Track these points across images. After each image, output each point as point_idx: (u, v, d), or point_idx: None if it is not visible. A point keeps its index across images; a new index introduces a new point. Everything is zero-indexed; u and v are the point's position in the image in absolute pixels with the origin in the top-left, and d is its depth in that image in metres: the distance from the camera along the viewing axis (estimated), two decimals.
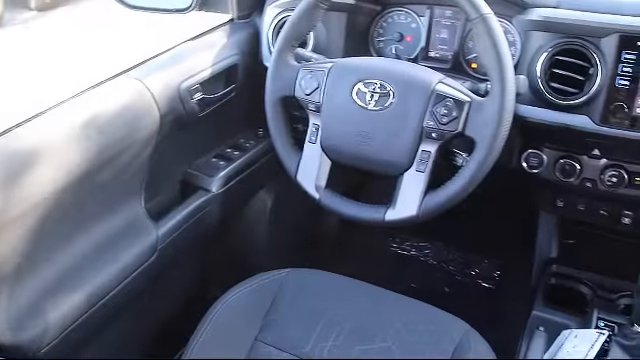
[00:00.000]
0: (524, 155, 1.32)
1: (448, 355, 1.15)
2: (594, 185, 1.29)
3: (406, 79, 1.12)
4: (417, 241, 2.26)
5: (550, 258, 1.59)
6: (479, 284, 2.11)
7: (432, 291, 2.08)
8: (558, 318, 1.40)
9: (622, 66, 1.14)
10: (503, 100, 1.04)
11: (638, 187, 1.25)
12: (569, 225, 1.61)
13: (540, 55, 1.20)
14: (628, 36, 1.13)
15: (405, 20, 1.46)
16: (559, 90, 1.19)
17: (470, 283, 2.12)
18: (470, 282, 2.12)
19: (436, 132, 1.09)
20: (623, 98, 1.15)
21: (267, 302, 1.25)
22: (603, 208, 1.38)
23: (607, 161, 1.26)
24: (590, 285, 1.51)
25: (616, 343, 1.22)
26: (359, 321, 1.21)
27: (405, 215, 1.13)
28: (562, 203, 1.42)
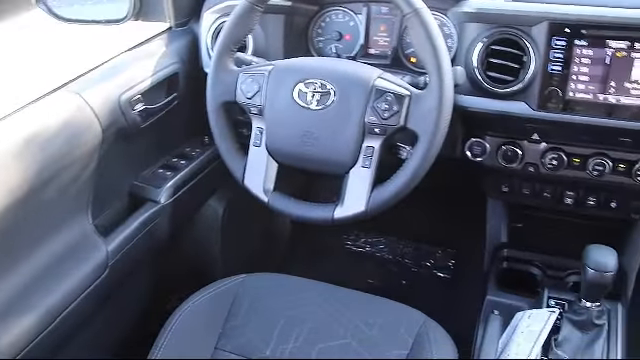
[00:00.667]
0: (467, 144, 1.35)
1: (408, 346, 1.17)
2: (536, 169, 1.33)
3: (345, 77, 1.13)
4: (371, 237, 2.28)
5: (501, 243, 1.63)
6: (435, 274, 2.15)
7: (389, 285, 2.10)
8: (511, 301, 1.44)
9: (553, 52, 1.18)
10: (441, 92, 1.06)
11: (577, 168, 1.30)
12: (516, 209, 1.65)
13: (476, 45, 1.22)
14: (557, 23, 1.17)
15: (343, 19, 1.47)
16: (496, 79, 1.22)
17: (426, 274, 2.15)
18: (426, 273, 2.15)
19: (379, 127, 1.10)
20: (556, 83, 1.19)
21: (225, 310, 1.24)
22: (546, 190, 1.42)
23: (547, 145, 1.30)
24: (540, 266, 1.56)
25: (567, 319, 1.26)
26: (318, 320, 1.22)
27: (354, 212, 1.14)
28: (507, 188, 1.45)
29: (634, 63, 1.15)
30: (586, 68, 1.17)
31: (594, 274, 1.16)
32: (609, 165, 1.26)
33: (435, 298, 1.99)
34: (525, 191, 1.43)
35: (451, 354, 1.20)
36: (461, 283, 2.01)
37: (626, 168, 1.27)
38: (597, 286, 1.18)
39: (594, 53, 1.16)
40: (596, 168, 1.27)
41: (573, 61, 1.17)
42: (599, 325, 1.23)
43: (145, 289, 1.63)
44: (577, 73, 1.18)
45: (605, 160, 1.26)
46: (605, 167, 1.26)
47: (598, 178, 1.28)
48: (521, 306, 1.39)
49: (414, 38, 1.09)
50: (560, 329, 1.26)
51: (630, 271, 1.53)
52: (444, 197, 2.05)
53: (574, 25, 1.16)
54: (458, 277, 2.08)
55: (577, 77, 1.18)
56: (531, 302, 1.40)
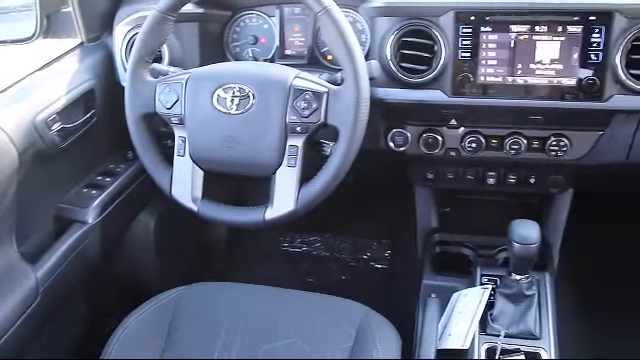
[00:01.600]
0: (389, 135, 1.38)
1: (352, 338, 1.19)
2: (457, 153, 1.37)
3: (263, 79, 1.14)
4: (307, 237, 2.30)
5: (432, 228, 1.67)
6: (373, 266, 2.19)
7: (329, 282, 2.13)
8: (447, 283, 1.48)
9: (461, 40, 1.23)
10: (357, 86, 1.08)
11: (495, 148, 1.35)
12: (444, 194, 1.71)
13: (388, 39, 1.26)
14: (462, 12, 1.22)
15: (257, 22, 1.48)
16: (410, 69, 1.26)
17: (364, 267, 2.19)
18: (364, 266, 2.19)
19: (300, 126, 1.12)
20: (467, 69, 1.24)
21: (165, 324, 1.23)
22: (469, 173, 1.47)
23: (465, 129, 1.35)
24: (471, 246, 1.61)
25: (500, 294, 1.31)
26: (260, 323, 1.22)
27: (284, 212, 1.15)
28: (432, 175, 1.50)
29: (536, 45, 1.21)
30: (493, 53, 1.23)
31: (520, 247, 1.21)
32: (524, 143, 1.32)
33: (375, 289, 2.03)
34: (449, 176, 1.48)
35: (394, 342, 1.22)
36: (399, 272, 2.05)
37: (540, 145, 1.33)
38: (524, 258, 1.23)
39: (499, 38, 1.22)
40: (512, 147, 1.33)
41: (480, 47, 1.23)
42: (529, 296, 1.29)
43: (82, 312, 1.59)
44: (485, 58, 1.23)
45: (520, 139, 1.32)
46: (521, 145, 1.32)
47: (515, 156, 1.34)
48: (457, 287, 1.43)
49: (327, 36, 1.12)
50: (494, 304, 1.31)
51: (554, 243, 1.60)
52: (375, 190, 2.08)
53: (478, 13, 1.22)
54: (395, 266, 2.13)
55: (486, 62, 1.23)
56: (466, 282, 1.44)
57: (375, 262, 2.19)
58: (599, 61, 1.19)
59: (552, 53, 1.21)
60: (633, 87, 1.19)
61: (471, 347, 1.26)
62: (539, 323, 1.30)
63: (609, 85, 1.20)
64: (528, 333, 1.27)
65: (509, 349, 1.25)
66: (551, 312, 1.33)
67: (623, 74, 1.18)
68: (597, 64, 1.20)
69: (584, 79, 1.20)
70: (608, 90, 1.20)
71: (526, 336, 1.27)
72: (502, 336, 1.24)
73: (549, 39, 1.20)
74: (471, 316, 1.31)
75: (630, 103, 1.21)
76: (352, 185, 1.99)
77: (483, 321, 1.30)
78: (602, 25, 1.18)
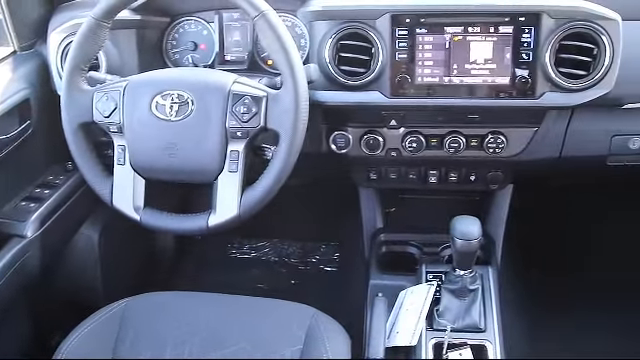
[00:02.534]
0: (331, 138, 1.39)
1: (301, 341, 1.20)
2: (398, 153, 1.40)
3: (202, 85, 1.14)
4: (255, 242, 2.29)
5: (377, 229, 1.69)
6: (322, 269, 2.20)
7: (279, 287, 2.12)
8: (394, 281, 1.50)
9: (398, 42, 1.25)
10: (296, 89, 1.09)
11: (435, 147, 1.38)
12: (388, 194, 1.73)
13: (326, 42, 1.27)
14: (397, 15, 1.24)
15: (196, 28, 1.47)
16: (349, 72, 1.27)
17: (313, 271, 2.19)
18: (313, 270, 2.20)
19: (240, 131, 1.12)
20: (405, 70, 1.26)
21: (112, 337, 1.21)
22: (411, 172, 1.49)
23: (405, 129, 1.37)
24: (416, 245, 1.64)
25: (445, 289, 1.34)
26: (209, 331, 1.21)
27: (227, 217, 1.14)
28: (375, 176, 1.51)
29: (470, 46, 1.25)
30: (429, 54, 1.26)
31: (461, 243, 1.24)
32: (463, 141, 1.36)
33: (325, 292, 2.04)
34: (392, 176, 1.50)
35: (343, 342, 1.23)
36: (347, 273, 2.06)
37: (478, 142, 1.37)
38: (466, 254, 1.26)
39: (434, 39, 1.25)
40: (452, 145, 1.36)
41: (417, 48, 1.25)
42: (474, 290, 1.32)
43: (25, 328, 1.54)
44: (422, 59, 1.26)
45: (459, 137, 1.36)
46: (460, 144, 1.36)
47: (455, 154, 1.37)
48: (403, 285, 1.45)
49: (264, 40, 1.12)
50: (440, 300, 1.34)
51: (496, 237, 1.65)
52: (320, 192, 2.10)
53: (413, 15, 1.24)
54: (344, 268, 2.14)
55: (423, 63, 1.26)
56: (412, 279, 1.47)
57: (324, 265, 2.21)
58: (530, 60, 1.23)
59: (486, 53, 1.24)
60: (562, 85, 1.23)
61: (419, 343, 1.29)
62: (484, 316, 1.33)
63: (540, 83, 1.24)
64: (473, 326, 1.30)
65: (456, 343, 1.28)
66: (495, 305, 1.36)
67: (553, 72, 1.23)
68: (528, 63, 1.24)
69: (517, 78, 1.24)
70: (540, 88, 1.25)
71: (472, 329, 1.30)
72: (448, 331, 1.27)
73: (482, 40, 1.24)
74: (418, 313, 1.33)
75: (560, 100, 1.25)
76: (300, 189, 2.01)
77: (430, 317, 1.33)
78: (531, 26, 1.22)
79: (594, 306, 1.89)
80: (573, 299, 1.92)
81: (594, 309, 1.88)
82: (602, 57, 1.21)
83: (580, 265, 2.06)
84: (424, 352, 1.26)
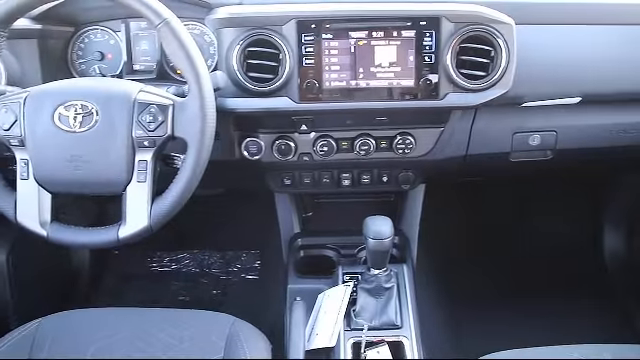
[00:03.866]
0: (243, 144, 1.39)
1: (221, 350, 1.19)
2: (310, 158, 1.41)
3: (106, 95, 1.12)
4: (175, 255, 2.26)
5: (295, 234, 1.70)
6: (244, 278, 2.19)
7: (201, 298, 2.10)
8: (312, 285, 1.51)
9: (304, 47, 1.27)
10: (202, 96, 1.09)
11: (346, 151, 1.40)
12: (304, 199, 1.75)
13: (233, 49, 1.27)
14: (303, 21, 1.26)
15: (102, 38, 1.44)
16: (258, 78, 1.27)
17: (235, 280, 2.18)
18: (235, 279, 2.19)
19: (147, 140, 1.10)
20: (312, 75, 1.28)
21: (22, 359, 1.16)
22: (325, 176, 1.51)
23: (316, 134, 1.39)
24: (334, 248, 1.66)
25: (361, 289, 1.36)
26: (127, 346, 1.19)
27: (138, 228, 1.12)
28: (289, 181, 1.52)
29: (375, 50, 1.28)
30: (336, 58, 1.28)
31: (374, 242, 1.26)
32: (373, 144, 1.39)
33: (246, 300, 2.03)
34: (306, 180, 1.52)
35: (263, 348, 1.24)
36: (268, 280, 2.07)
37: (387, 144, 1.40)
38: (379, 253, 1.29)
39: (340, 44, 1.27)
40: (362, 148, 1.39)
41: (323, 54, 1.27)
42: (389, 288, 1.35)
43: None
44: (329, 64, 1.28)
45: (369, 140, 1.38)
46: (370, 146, 1.38)
47: (366, 157, 1.40)
48: (321, 288, 1.47)
49: (168, 48, 1.11)
50: (357, 300, 1.36)
51: (411, 236, 1.69)
52: (238, 201, 2.09)
53: (318, 21, 1.26)
54: (265, 275, 2.14)
55: (329, 68, 1.28)
56: (330, 282, 1.48)
57: (246, 274, 2.20)
58: (432, 62, 1.28)
59: (390, 57, 1.28)
60: (464, 85, 1.28)
61: (337, 344, 1.30)
62: (400, 313, 1.36)
63: (444, 84, 1.29)
64: (390, 324, 1.33)
65: (373, 341, 1.30)
66: (411, 302, 1.40)
67: (454, 74, 1.27)
68: (431, 65, 1.28)
69: (421, 80, 1.28)
70: (443, 89, 1.29)
71: (388, 327, 1.33)
72: (365, 330, 1.29)
73: (386, 44, 1.27)
74: (336, 314, 1.34)
75: (463, 100, 1.30)
76: (217, 198, 1.99)
77: (348, 317, 1.35)
78: (432, 30, 1.26)
79: (510, 298, 1.97)
80: (489, 292, 2.00)
81: (510, 301, 1.96)
82: (499, 59, 1.27)
83: (495, 259, 2.14)
84: (343, 352, 1.28)
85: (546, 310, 1.93)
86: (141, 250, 2.23)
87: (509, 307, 1.93)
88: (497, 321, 1.85)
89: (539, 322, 1.83)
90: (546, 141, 1.47)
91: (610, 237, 2.13)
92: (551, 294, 2.02)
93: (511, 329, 1.58)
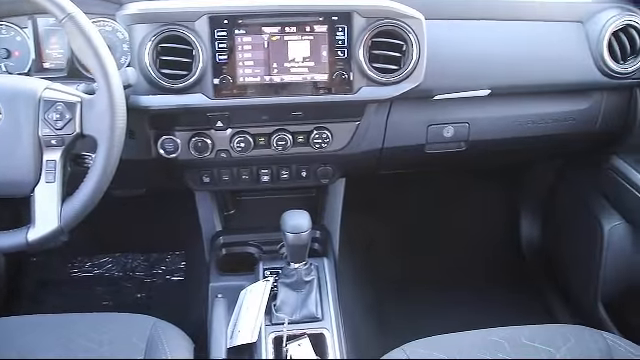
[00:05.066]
0: (159, 143, 1.37)
1: (141, 351, 1.18)
2: (228, 154, 1.41)
3: (9, 92, 1.08)
4: (97, 259, 2.20)
5: (216, 232, 1.69)
6: (169, 280, 2.16)
7: (125, 302, 2.06)
8: (234, 282, 1.51)
9: (218, 43, 1.26)
10: (111, 93, 1.07)
11: (263, 146, 1.41)
12: (225, 197, 1.74)
13: (145, 45, 1.24)
14: (215, 16, 1.25)
15: (8, 34, 1.39)
16: (171, 75, 1.26)
17: (160, 282, 2.15)
18: (160, 281, 2.15)
19: (55, 139, 1.07)
20: (227, 71, 1.27)
21: None
22: (244, 173, 1.51)
23: (232, 130, 1.39)
24: (256, 244, 1.66)
25: (282, 284, 1.37)
26: (46, 352, 1.16)
27: (48, 230, 1.09)
28: (208, 179, 1.51)
29: (288, 45, 1.28)
30: (249, 54, 1.28)
31: (292, 236, 1.27)
32: (290, 139, 1.39)
33: (171, 302, 2.00)
34: (225, 177, 1.51)
35: (185, 347, 1.23)
36: (193, 280, 2.04)
37: (304, 139, 1.41)
38: (297, 246, 1.30)
39: (253, 40, 1.27)
40: (279, 143, 1.39)
41: (237, 49, 1.27)
42: (309, 281, 1.36)
43: None
44: (242, 60, 1.28)
45: (286, 135, 1.39)
46: (287, 141, 1.39)
47: (283, 152, 1.41)
48: (243, 284, 1.47)
49: (74, 44, 1.08)
50: (277, 295, 1.37)
51: (333, 229, 1.71)
52: (160, 201, 2.06)
53: (231, 16, 1.26)
54: (190, 275, 2.12)
55: (243, 63, 1.28)
56: (251, 278, 1.48)
57: (171, 275, 2.17)
58: (345, 57, 1.30)
59: (303, 52, 1.29)
60: (377, 79, 1.31)
61: (259, 339, 1.30)
62: (321, 306, 1.37)
63: (357, 78, 1.31)
64: (311, 317, 1.34)
65: (295, 334, 1.31)
66: (332, 294, 1.41)
67: (367, 68, 1.30)
68: (344, 60, 1.30)
69: (334, 74, 1.30)
70: (357, 83, 1.31)
71: (309, 320, 1.34)
72: (286, 323, 1.30)
73: (299, 39, 1.28)
74: (257, 310, 1.34)
75: (376, 94, 1.33)
76: (138, 199, 1.95)
77: (269, 312, 1.35)
78: (344, 24, 1.28)
79: (433, 288, 2.03)
80: (413, 283, 2.05)
81: (433, 291, 2.01)
82: (411, 53, 1.30)
83: (418, 251, 2.19)
84: (264, 347, 1.28)
85: (468, 298, 1.99)
86: (61, 256, 2.16)
87: (432, 297, 1.99)
88: (421, 311, 1.89)
89: (461, 310, 1.89)
90: (459, 133, 1.51)
91: (526, 225, 2.22)
92: (473, 282, 2.09)
93: (434, 318, 1.62)
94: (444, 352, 1.20)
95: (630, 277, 1.71)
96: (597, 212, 1.76)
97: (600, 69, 1.48)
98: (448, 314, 1.84)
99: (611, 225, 1.71)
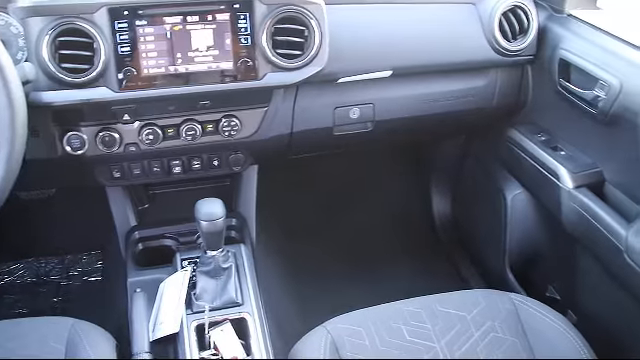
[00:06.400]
0: (65, 139, 1.34)
1: (62, 353, 1.17)
2: (137, 148, 1.40)
3: None
4: (6, 266, 2.12)
5: (131, 227, 1.67)
6: (87, 280, 2.11)
7: (41, 308, 2.00)
8: (152, 275, 1.50)
9: (119, 35, 1.24)
10: (8, 90, 1.03)
11: (173, 138, 1.41)
12: (138, 191, 1.72)
13: (42, 39, 1.21)
14: (114, 8, 1.23)
15: None
16: (72, 69, 1.23)
17: (77, 283, 2.10)
18: (77, 282, 2.10)
19: None
20: (130, 63, 1.26)
21: None
22: (155, 165, 1.50)
23: (140, 123, 1.38)
24: (173, 237, 1.65)
25: (200, 273, 1.37)
26: None
27: None
28: (119, 174, 1.49)
29: (191, 34, 1.28)
30: (152, 45, 1.27)
31: (206, 224, 1.28)
32: (199, 128, 1.40)
33: (90, 303, 1.96)
34: (136, 171, 1.49)
35: (107, 345, 1.23)
36: (112, 279, 2.01)
37: (213, 127, 1.42)
38: (212, 234, 1.31)
39: (155, 30, 1.26)
40: (188, 133, 1.40)
41: (139, 41, 1.26)
42: (227, 268, 1.37)
43: None
44: (146, 51, 1.27)
45: (194, 125, 1.40)
46: (196, 131, 1.40)
47: (193, 142, 1.41)
48: (162, 277, 1.46)
49: None
50: (196, 283, 1.37)
51: (249, 217, 1.73)
52: (73, 200, 2.01)
53: (130, 7, 1.24)
54: (109, 274, 2.08)
55: (147, 54, 1.27)
56: (169, 270, 1.48)
57: (88, 276, 2.12)
58: (249, 44, 1.31)
59: (207, 40, 1.29)
60: (282, 65, 1.33)
61: (181, 329, 1.31)
62: (240, 291, 1.39)
63: (262, 65, 1.33)
64: (231, 302, 1.36)
65: (217, 321, 1.32)
66: (250, 279, 1.43)
67: (271, 54, 1.32)
68: (248, 47, 1.31)
69: (239, 62, 1.31)
70: (262, 69, 1.33)
71: (230, 305, 1.36)
72: (207, 311, 1.30)
73: (202, 28, 1.28)
74: (177, 300, 1.35)
75: (281, 79, 1.35)
76: (49, 200, 1.90)
77: (189, 302, 1.35)
78: (246, 12, 1.29)
79: (353, 266, 2.09)
80: (332, 263, 2.10)
81: (352, 269, 2.07)
82: (313, 38, 1.33)
83: (336, 231, 2.25)
84: (187, 336, 1.29)
85: (386, 272, 2.06)
86: None
87: (352, 275, 2.05)
88: (341, 289, 1.94)
89: (380, 284, 1.96)
90: (365, 114, 1.57)
91: (437, 199, 2.32)
92: (390, 257, 2.17)
93: (355, 295, 1.67)
94: (363, 325, 1.25)
95: (533, 242, 1.82)
96: (500, 183, 1.86)
97: (493, 47, 1.57)
98: (368, 289, 1.90)
99: (513, 194, 1.82)
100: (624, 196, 1.40)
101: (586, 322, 1.55)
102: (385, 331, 1.24)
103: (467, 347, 1.23)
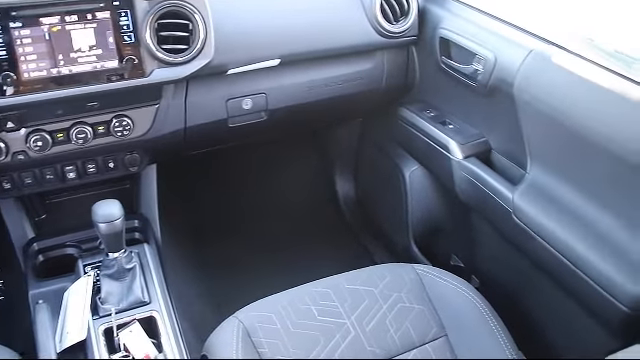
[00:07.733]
0: None
1: None
2: (26, 156, 1.35)
3: None
4: None
5: (29, 239, 1.61)
6: None
7: None
8: (55, 286, 1.46)
9: None
10: None
11: (63, 142, 1.37)
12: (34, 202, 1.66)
13: None
14: None
15: None
16: None
17: None
18: None
19: None
20: (7, 67, 1.21)
21: None
22: (47, 173, 1.45)
23: (26, 129, 1.33)
24: (74, 244, 1.61)
25: (103, 276, 1.35)
26: None
27: None
28: (9, 184, 1.43)
29: (72, 35, 1.25)
30: (31, 47, 1.23)
31: (105, 226, 1.26)
32: (90, 131, 1.37)
33: None
34: (28, 180, 1.44)
35: None
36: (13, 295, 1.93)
37: (105, 129, 1.39)
38: (112, 235, 1.29)
39: (32, 32, 1.22)
40: (79, 137, 1.36)
41: (15, 44, 1.21)
42: (131, 269, 1.36)
43: None
44: (24, 54, 1.22)
45: (85, 127, 1.36)
46: (87, 134, 1.37)
47: (85, 145, 1.38)
48: (65, 286, 1.42)
49: None
50: (101, 287, 1.35)
51: (151, 216, 1.71)
52: None
53: (2, 9, 1.19)
54: (10, 292, 1.99)
55: (25, 58, 1.22)
56: (73, 278, 1.44)
57: None
58: (133, 42, 1.29)
59: (88, 40, 1.26)
60: (168, 60, 1.32)
61: (89, 335, 1.28)
62: (147, 290, 1.38)
63: (148, 61, 1.32)
64: (138, 302, 1.35)
65: (125, 322, 1.31)
66: (156, 277, 1.42)
67: (156, 50, 1.31)
68: (132, 44, 1.30)
69: (124, 60, 1.29)
70: (148, 66, 1.32)
71: (137, 305, 1.34)
72: (113, 313, 1.29)
73: (82, 27, 1.25)
74: (82, 307, 1.32)
75: (169, 74, 1.34)
76: None
77: (95, 307, 1.33)
78: (126, 9, 1.27)
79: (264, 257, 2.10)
80: (244, 256, 2.11)
81: (264, 259, 2.09)
82: (197, 31, 1.33)
83: (246, 224, 2.26)
84: (95, 341, 1.27)
85: (297, 258, 2.09)
86: None
87: (263, 264, 2.06)
88: (254, 279, 1.95)
89: (292, 270, 1.98)
90: (257, 103, 1.58)
91: (341, 182, 2.37)
92: (299, 243, 2.20)
93: (267, 284, 1.69)
94: (274, 310, 1.28)
95: (433, 215, 1.91)
96: (397, 160, 1.93)
97: (377, 30, 1.62)
98: (282, 279, 1.91)
99: (410, 170, 1.89)
100: (509, 162, 1.50)
101: (488, 284, 1.64)
102: (295, 313, 1.27)
103: (377, 320, 1.27)
